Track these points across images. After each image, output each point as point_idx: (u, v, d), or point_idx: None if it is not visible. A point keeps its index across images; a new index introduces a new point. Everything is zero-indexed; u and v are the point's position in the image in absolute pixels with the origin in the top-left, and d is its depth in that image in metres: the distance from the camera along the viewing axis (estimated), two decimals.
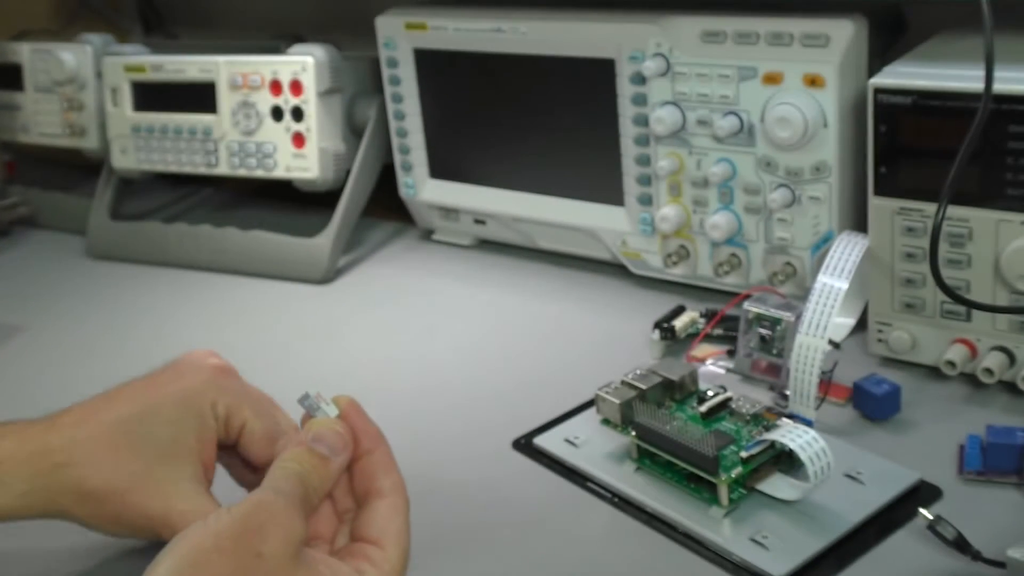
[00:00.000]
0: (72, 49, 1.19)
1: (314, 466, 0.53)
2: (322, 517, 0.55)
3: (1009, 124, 0.65)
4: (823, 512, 0.59)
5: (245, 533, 0.47)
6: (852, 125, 0.78)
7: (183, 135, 1.08)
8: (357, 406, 0.56)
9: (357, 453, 0.55)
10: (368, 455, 0.55)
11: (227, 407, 0.58)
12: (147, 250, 1.11)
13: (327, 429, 0.54)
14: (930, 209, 0.68)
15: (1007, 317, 0.69)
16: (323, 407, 0.56)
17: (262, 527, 0.47)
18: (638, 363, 0.70)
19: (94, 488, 0.55)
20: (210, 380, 0.58)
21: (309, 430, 0.55)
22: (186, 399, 0.57)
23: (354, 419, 0.56)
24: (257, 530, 0.47)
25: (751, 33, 0.79)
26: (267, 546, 0.47)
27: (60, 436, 0.55)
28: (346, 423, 0.55)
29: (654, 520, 0.61)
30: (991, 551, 0.54)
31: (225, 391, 0.58)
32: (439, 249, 1.07)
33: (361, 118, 1.06)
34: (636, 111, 0.87)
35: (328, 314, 0.96)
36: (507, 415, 0.74)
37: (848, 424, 0.69)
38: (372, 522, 0.54)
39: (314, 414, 0.56)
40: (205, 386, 0.58)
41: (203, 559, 0.46)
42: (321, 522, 0.55)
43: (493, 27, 0.93)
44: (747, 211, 0.84)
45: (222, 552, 0.46)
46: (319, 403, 0.56)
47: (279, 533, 0.47)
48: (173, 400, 0.57)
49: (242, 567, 0.46)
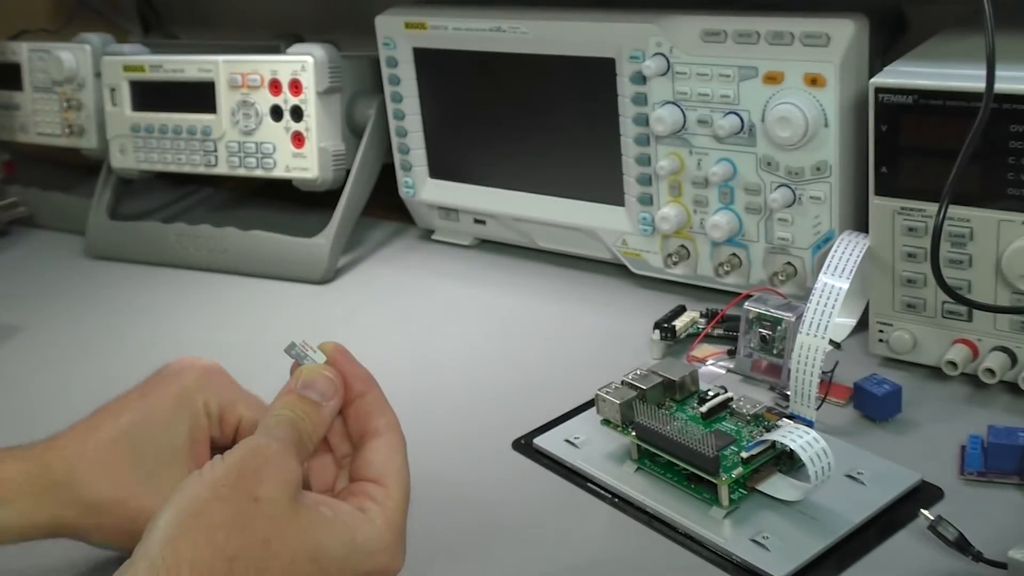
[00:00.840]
0: (71, 49, 1.19)
1: (306, 412, 0.53)
2: (321, 465, 0.56)
3: (1010, 124, 0.65)
4: (824, 513, 0.59)
5: (241, 479, 0.47)
6: (853, 125, 0.78)
7: (182, 135, 1.08)
8: (344, 351, 0.57)
9: (349, 397, 0.56)
10: (360, 398, 0.56)
11: (219, 405, 0.58)
12: (146, 250, 1.11)
13: (316, 375, 0.55)
14: (931, 209, 0.68)
15: (1008, 317, 0.69)
16: (310, 355, 0.56)
17: (257, 471, 0.48)
18: (638, 363, 0.70)
19: (96, 500, 0.55)
20: (200, 380, 0.59)
21: (298, 377, 0.55)
22: (177, 401, 0.57)
23: (342, 363, 0.56)
24: (252, 475, 0.47)
25: (751, 32, 0.79)
26: (263, 490, 0.47)
27: (59, 455, 0.55)
28: (335, 368, 0.56)
29: (654, 521, 0.61)
30: (992, 552, 0.54)
31: (216, 389, 0.59)
32: (439, 249, 1.07)
33: (361, 118, 1.06)
34: (636, 111, 0.87)
35: (328, 314, 0.96)
36: (507, 415, 0.74)
37: (849, 424, 0.69)
38: (370, 462, 0.54)
39: (302, 362, 0.56)
40: (195, 385, 0.58)
41: (202, 508, 0.46)
42: (322, 470, 0.56)
43: (493, 26, 0.93)
44: (748, 211, 0.83)
45: (220, 499, 0.46)
46: (306, 351, 0.56)
47: (275, 476, 0.48)
48: (164, 403, 0.57)
49: (240, 512, 0.46)
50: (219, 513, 0.46)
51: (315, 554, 0.47)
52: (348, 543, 0.49)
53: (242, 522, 0.46)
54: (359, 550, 0.49)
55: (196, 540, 0.45)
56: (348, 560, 0.48)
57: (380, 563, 0.50)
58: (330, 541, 0.48)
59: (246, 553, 0.45)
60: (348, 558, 0.48)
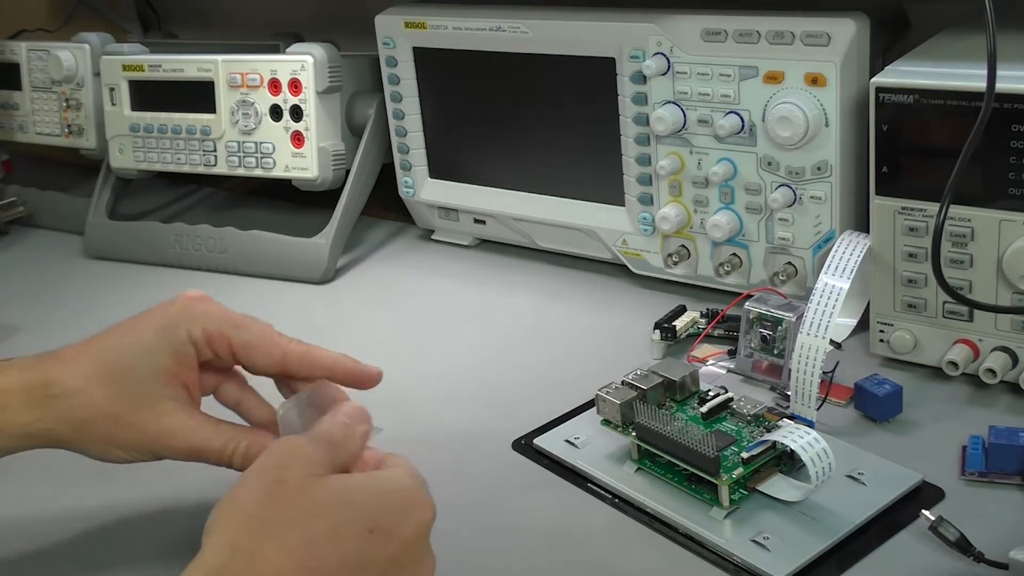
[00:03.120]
0: (70, 48, 1.19)
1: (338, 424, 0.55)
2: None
3: (1011, 123, 0.64)
4: (824, 513, 0.59)
5: (263, 466, 0.49)
6: (854, 124, 0.78)
7: (181, 134, 1.08)
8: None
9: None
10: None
11: (203, 330, 0.61)
12: (145, 250, 1.11)
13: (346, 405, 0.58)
14: (932, 209, 0.68)
15: (1009, 317, 0.69)
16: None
17: (279, 457, 0.50)
18: (638, 363, 0.69)
19: (88, 416, 0.58)
20: (183, 310, 0.62)
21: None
22: (159, 331, 0.61)
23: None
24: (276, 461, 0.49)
25: (752, 32, 0.79)
26: (288, 473, 0.48)
27: (58, 369, 0.59)
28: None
29: (655, 521, 0.61)
30: (994, 552, 0.54)
31: (197, 316, 0.62)
32: (439, 249, 1.07)
33: (360, 117, 1.06)
34: (637, 110, 0.87)
35: (328, 314, 0.95)
36: (507, 415, 0.74)
37: (850, 425, 0.69)
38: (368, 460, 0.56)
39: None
40: (178, 315, 0.61)
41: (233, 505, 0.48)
42: None
43: (493, 26, 0.93)
44: (748, 211, 0.83)
45: (254, 481, 0.48)
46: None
47: (300, 460, 0.49)
48: (147, 334, 0.61)
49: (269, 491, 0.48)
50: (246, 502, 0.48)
51: (348, 502, 0.49)
52: (376, 487, 0.51)
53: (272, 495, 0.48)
54: (389, 491, 0.51)
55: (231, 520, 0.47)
56: (382, 501, 0.50)
57: (413, 500, 0.51)
58: (361, 487, 0.50)
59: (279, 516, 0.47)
60: (381, 499, 0.50)
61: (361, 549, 0.47)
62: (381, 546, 0.48)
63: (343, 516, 0.48)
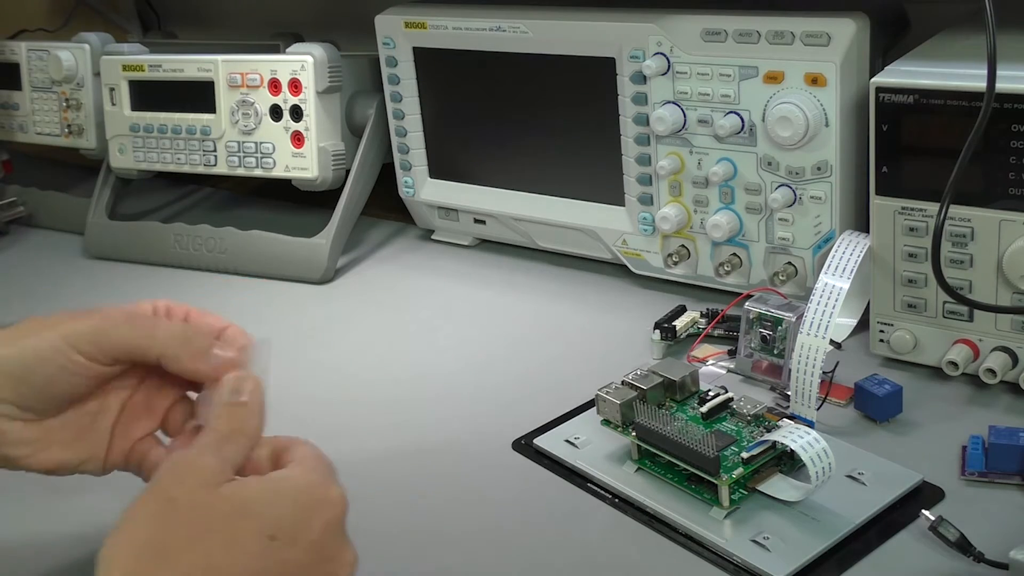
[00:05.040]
0: (70, 48, 1.19)
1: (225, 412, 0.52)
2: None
3: (1012, 123, 0.64)
4: (824, 513, 0.59)
5: (156, 485, 0.47)
6: (854, 124, 0.78)
7: (181, 134, 1.08)
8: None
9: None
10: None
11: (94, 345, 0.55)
12: (145, 250, 1.11)
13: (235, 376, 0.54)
14: (932, 209, 0.68)
15: (1009, 317, 0.69)
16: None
17: (168, 475, 0.48)
18: (639, 363, 0.69)
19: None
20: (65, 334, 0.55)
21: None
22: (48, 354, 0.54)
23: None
24: (165, 479, 0.47)
25: (752, 32, 0.79)
26: (178, 490, 0.47)
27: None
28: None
29: (655, 521, 0.61)
30: (994, 553, 0.54)
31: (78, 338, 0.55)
32: (439, 249, 1.07)
33: (360, 117, 1.06)
34: (637, 110, 0.87)
35: (327, 314, 0.95)
36: (507, 415, 0.74)
37: (850, 425, 0.69)
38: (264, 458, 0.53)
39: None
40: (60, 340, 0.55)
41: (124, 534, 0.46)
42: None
43: (493, 26, 0.93)
44: (748, 211, 0.83)
45: (143, 505, 0.46)
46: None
47: (189, 476, 0.47)
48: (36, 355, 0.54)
49: (159, 510, 0.46)
50: (142, 526, 0.46)
51: (244, 511, 0.47)
52: (273, 490, 0.48)
53: (163, 516, 0.46)
54: (288, 493, 0.48)
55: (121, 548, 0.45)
56: (280, 504, 0.48)
57: (316, 498, 0.49)
58: (257, 494, 0.48)
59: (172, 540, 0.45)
60: (279, 503, 0.48)
61: (263, 556, 0.46)
62: (286, 551, 0.46)
63: (240, 526, 0.46)
